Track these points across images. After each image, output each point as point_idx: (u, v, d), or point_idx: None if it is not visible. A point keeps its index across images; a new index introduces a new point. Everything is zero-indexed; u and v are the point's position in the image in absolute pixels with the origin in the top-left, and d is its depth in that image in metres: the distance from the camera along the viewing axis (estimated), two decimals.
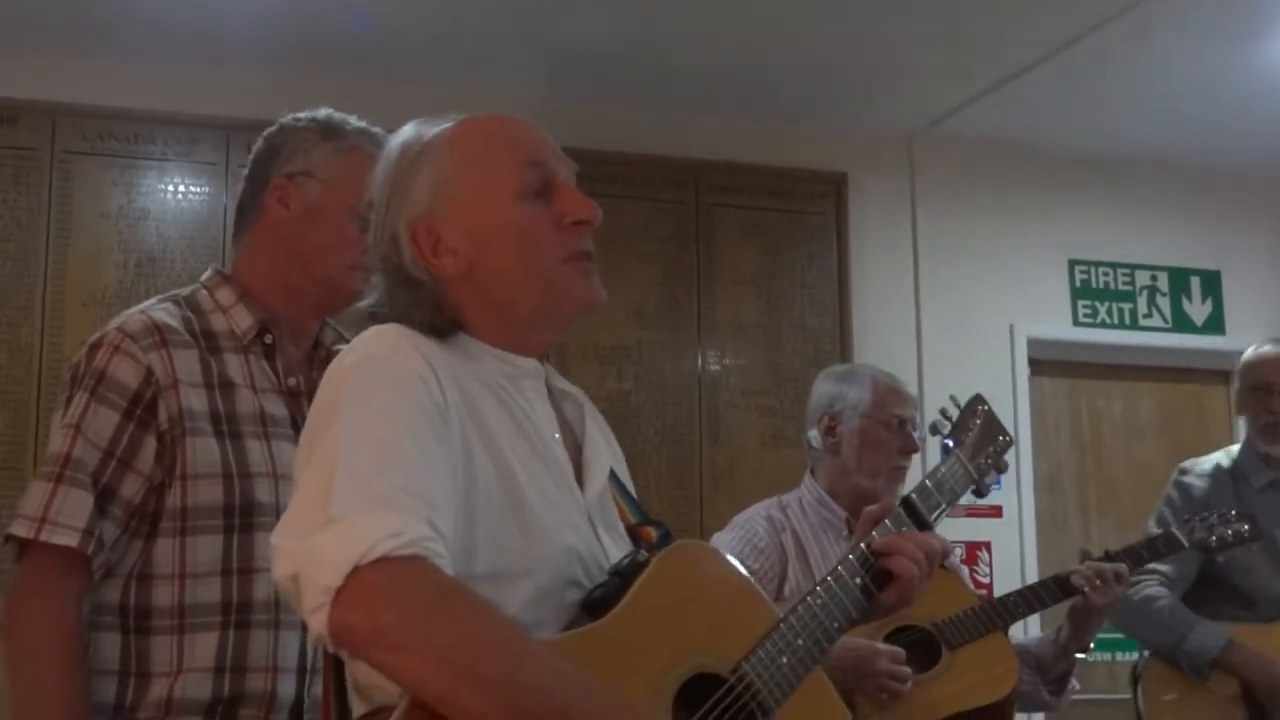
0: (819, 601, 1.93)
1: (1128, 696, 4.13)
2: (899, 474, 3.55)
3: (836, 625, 1.93)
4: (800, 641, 1.87)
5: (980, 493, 2.44)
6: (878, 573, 2.00)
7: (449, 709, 1.52)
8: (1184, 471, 4.29)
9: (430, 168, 1.89)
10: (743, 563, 3.33)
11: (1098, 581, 3.39)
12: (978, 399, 2.50)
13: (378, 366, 1.72)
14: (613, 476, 1.98)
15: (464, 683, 1.51)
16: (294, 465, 1.77)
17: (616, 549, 1.88)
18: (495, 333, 1.88)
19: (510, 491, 1.75)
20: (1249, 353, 4.30)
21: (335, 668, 1.77)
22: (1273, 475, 4.20)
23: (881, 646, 3.19)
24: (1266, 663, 3.92)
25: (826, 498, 3.54)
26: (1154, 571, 3.86)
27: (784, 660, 1.83)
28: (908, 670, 3.19)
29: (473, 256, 1.86)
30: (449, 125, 1.93)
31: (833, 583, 1.96)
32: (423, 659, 1.52)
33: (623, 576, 1.77)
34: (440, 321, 1.86)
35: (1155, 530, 4.09)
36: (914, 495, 2.17)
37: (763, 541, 3.45)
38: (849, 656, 3.11)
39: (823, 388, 3.68)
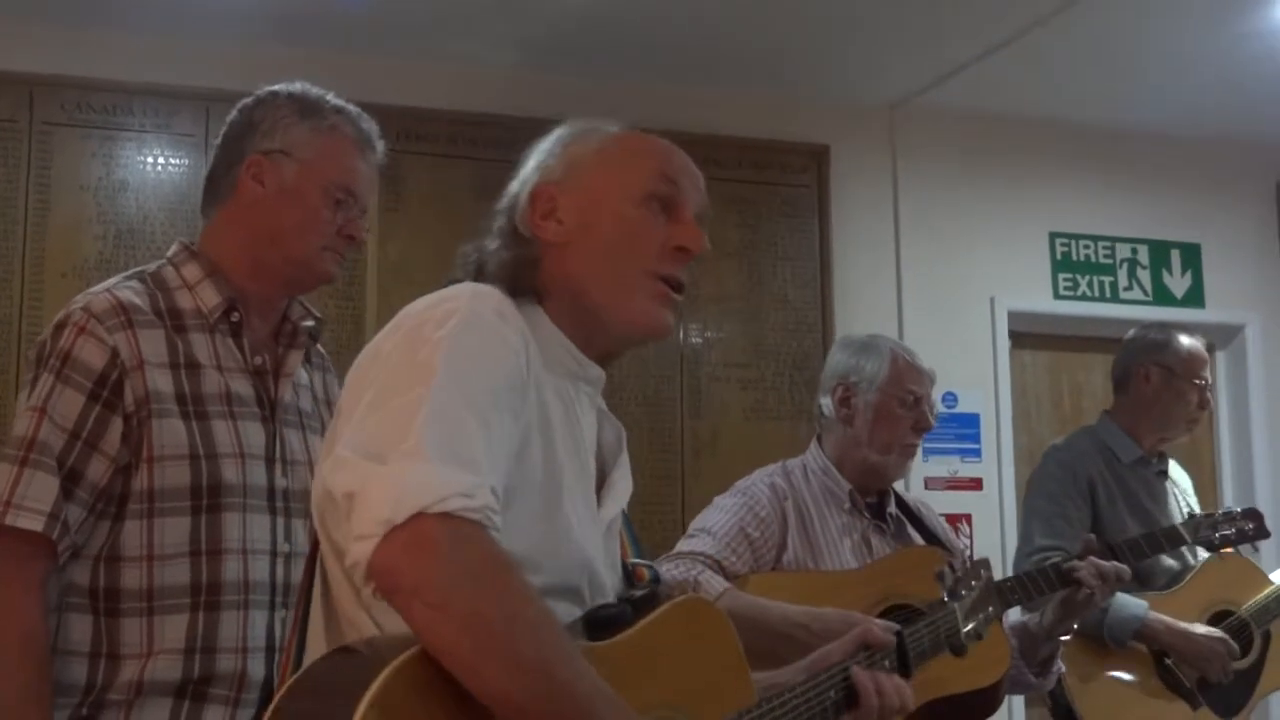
0: (794, 702, 1.97)
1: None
2: (909, 451, 3.53)
3: None
4: None
5: (957, 652, 2.51)
6: (851, 692, 2.09)
7: (469, 676, 1.50)
8: (1059, 449, 4.30)
9: (579, 146, 1.96)
10: (743, 530, 3.37)
11: (1099, 580, 3.40)
12: (984, 563, 2.60)
13: (484, 325, 1.72)
14: (624, 510, 2.01)
15: (496, 657, 1.50)
16: (351, 383, 1.73)
17: (611, 579, 1.89)
18: (565, 316, 1.90)
19: (551, 484, 1.77)
20: (1187, 343, 4.27)
21: (304, 607, 1.76)
22: (1138, 452, 4.22)
23: (876, 623, 3.18)
24: (1181, 628, 3.96)
25: (832, 468, 3.51)
26: (1055, 549, 3.86)
27: None
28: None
29: (574, 230, 1.90)
30: (617, 126, 2.01)
31: (813, 690, 2.02)
32: (460, 623, 1.49)
33: (635, 607, 1.81)
34: (523, 283, 1.89)
35: (1045, 506, 4.12)
36: (907, 636, 2.27)
37: (764, 510, 3.42)
38: (845, 630, 3.12)
39: (839, 357, 3.64)
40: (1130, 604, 3.94)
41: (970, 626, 2.52)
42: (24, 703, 2.19)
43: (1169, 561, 4.08)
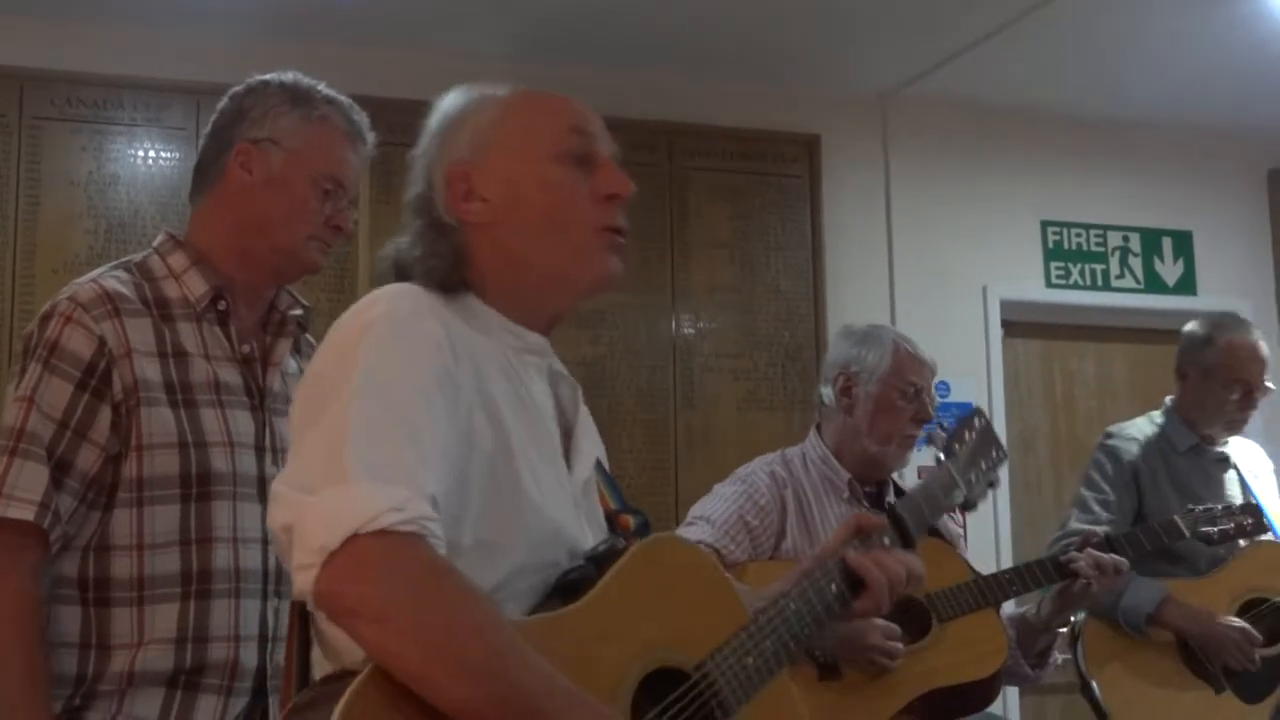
0: (792, 605, 1.93)
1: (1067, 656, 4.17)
2: (909, 442, 3.53)
3: (807, 631, 1.94)
4: (768, 643, 1.87)
5: (968, 507, 2.41)
6: (854, 580, 2.02)
7: (424, 687, 1.51)
8: (1111, 436, 4.31)
9: (477, 119, 1.93)
10: (742, 518, 3.37)
11: (1096, 571, 3.40)
12: (976, 412, 2.49)
13: (398, 328, 1.71)
14: (597, 463, 1.99)
15: (446, 666, 1.51)
16: (293, 413, 1.75)
17: (595, 535, 1.88)
18: (506, 296, 1.89)
19: (506, 466, 1.75)
20: (1227, 343, 4.26)
21: (301, 628, 1.76)
22: (1194, 440, 4.25)
23: (876, 620, 3.19)
24: (1203, 615, 3.97)
25: (831, 457, 3.52)
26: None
27: (749, 660, 1.84)
28: (899, 646, 3.19)
29: (501, 208, 1.88)
30: (505, 90, 1.97)
31: (809, 588, 1.97)
32: (405, 636, 1.51)
33: (598, 563, 1.77)
34: (455, 277, 1.87)
35: (1085, 492, 4.14)
36: (900, 508, 2.18)
37: (764, 498, 3.43)
38: (842, 626, 3.12)
39: (841, 346, 3.64)
40: (1146, 591, 3.95)
41: (973, 476, 2.39)
42: (23, 693, 2.19)
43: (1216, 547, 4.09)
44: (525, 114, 1.94)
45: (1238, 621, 3.98)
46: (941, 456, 2.39)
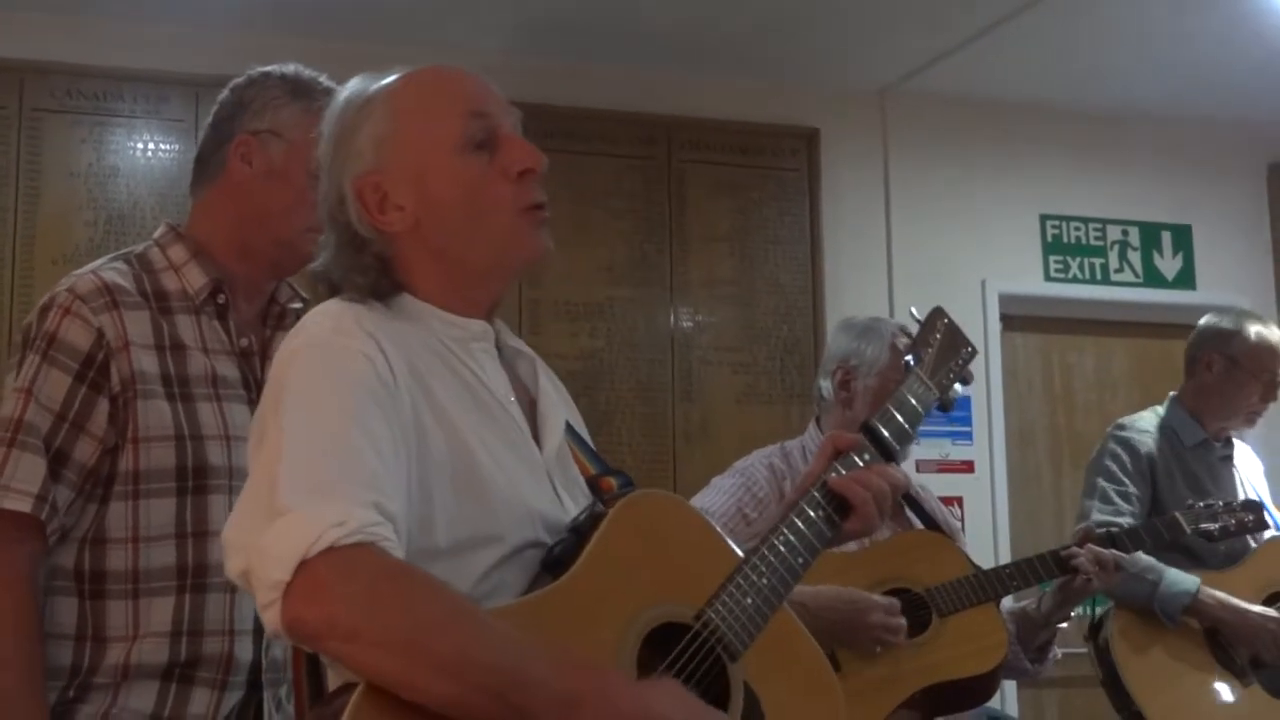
0: (783, 539, 1.91)
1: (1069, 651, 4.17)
2: None
3: (801, 561, 1.91)
4: (765, 581, 1.85)
5: (944, 407, 2.33)
6: (840, 503, 1.98)
7: (408, 692, 1.52)
8: (1123, 428, 4.30)
9: (372, 122, 1.87)
10: (741, 511, 3.36)
11: (1096, 567, 3.40)
12: (938, 312, 2.39)
13: (320, 351, 1.71)
14: (569, 430, 1.96)
15: (420, 666, 1.51)
16: (248, 450, 1.75)
17: (576, 505, 1.87)
18: (441, 290, 1.87)
19: (465, 461, 1.74)
20: (1257, 334, 4.24)
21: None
22: (1202, 435, 4.24)
23: (876, 598, 3.18)
24: (1235, 604, 3.98)
25: None
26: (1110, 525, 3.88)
27: (749, 601, 1.82)
28: (902, 621, 3.17)
29: (419, 212, 1.84)
30: (391, 79, 1.91)
31: (795, 519, 1.95)
32: (376, 646, 1.52)
33: (579, 533, 1.77)
34: (384, 283, 1.85)
35: (1103, 484, 4.13)
36: (875, 421, 2.11)
37: (762, 491, 3.42)
38: (844, 608, 3.11)
39: (840, 340, 3.63)
40: (1183, 580, 3.96)
41: (944, 378, 2.31)
42: (20, 684, 2.19)
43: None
44: (419, 108, 1.87)
45: (1272, 612, 3.99)
46: (910, 361, 2.32)
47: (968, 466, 6.06)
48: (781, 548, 1.90)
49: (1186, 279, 6.61)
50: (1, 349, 4.94)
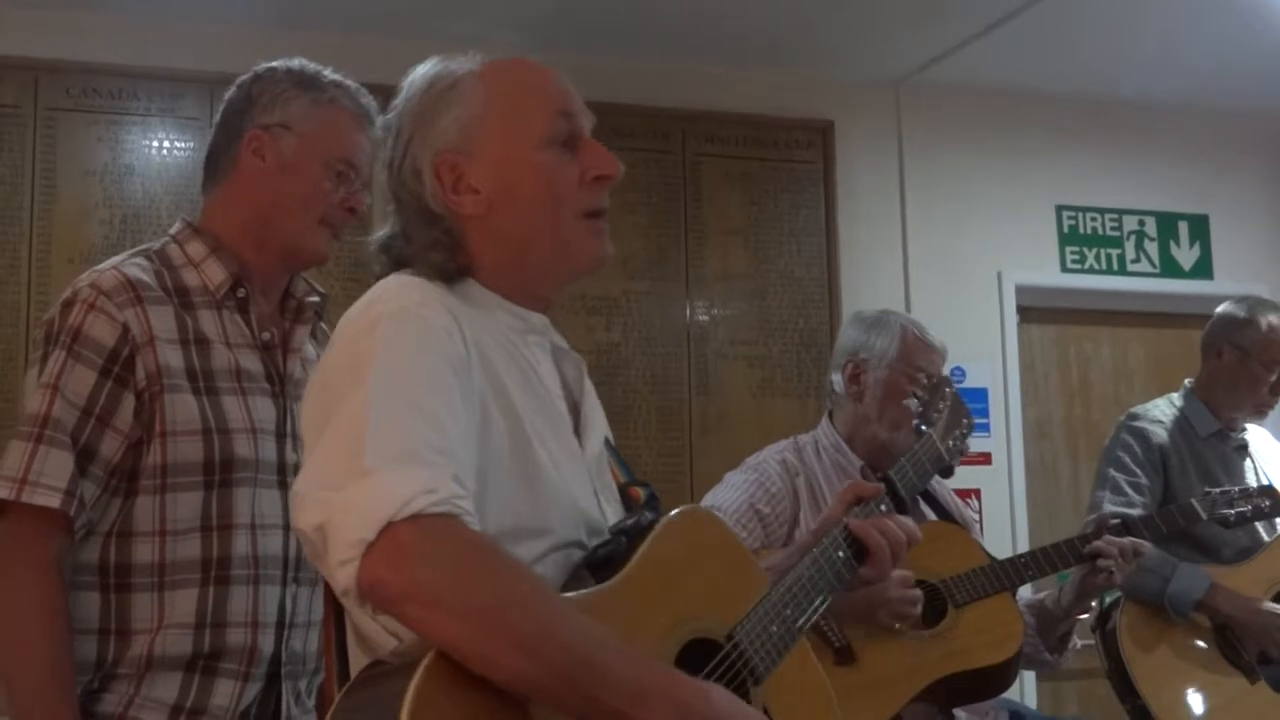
0: (805, 573, 1.97)
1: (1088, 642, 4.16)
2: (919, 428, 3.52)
3: (821, 599, 1.97)
4: (789, 610, 1.90)
5: (947, 473, 2.54)
6: (860, 547, 2.08)
7: (481, 664, 1.52)
8: (1137, 417, 4.28)
9: (460, 104, 1.89)
10: (754, 506, 3.37)
11: (1116, 557, 3.38)
12: (945, 381, 2.61)
13: (407, 321, 1.71)
14: (604, 437, 2.00)
15: (499, 640, 1.51)
16: (306, 414, 1.75)
17: (610, 509, 1.90)
18: (506, 279, 1.89)
19: (522, 450, 1.76)
20: (1270, 325, 4.21)
21: (336, 621, 1.77)
22: (1216, 426, 4.23)
23: (893, 573, 3.17)
24: (1245, 600, 3.96)
25: (843, 444, 3.51)
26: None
27: (774, 629, 1.86)
28: (918, 594, 3.14)
29: (493, 197, 1.87)
30: (479, 63, 1.94)
31: (820, 556, 2.02)
32: (457, 616, 1.51)
33: (629, 536, 1.79)
34: (453, 264, 1.86)
35: (1115, 474, 4.12)
36: (894, 475, 2.25)
37: (775, 486, 3.42)
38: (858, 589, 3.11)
39: (850, 333, 3.63)
40: (1194, 575, 3.94)
41: (950, 443, 2.53)
42: (51, 678, 2.20)
43: (1242, 538, 4.08)
44: (509, 97, 1.91)
45: None
46: (923, 427, 2.52)
47: (985, 459, 6.05)
48: (805, 580, 1.97)
49: (1204, 269, 6.58)
50: (18, 346, 4.96)
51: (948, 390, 2.55)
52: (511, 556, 1.60)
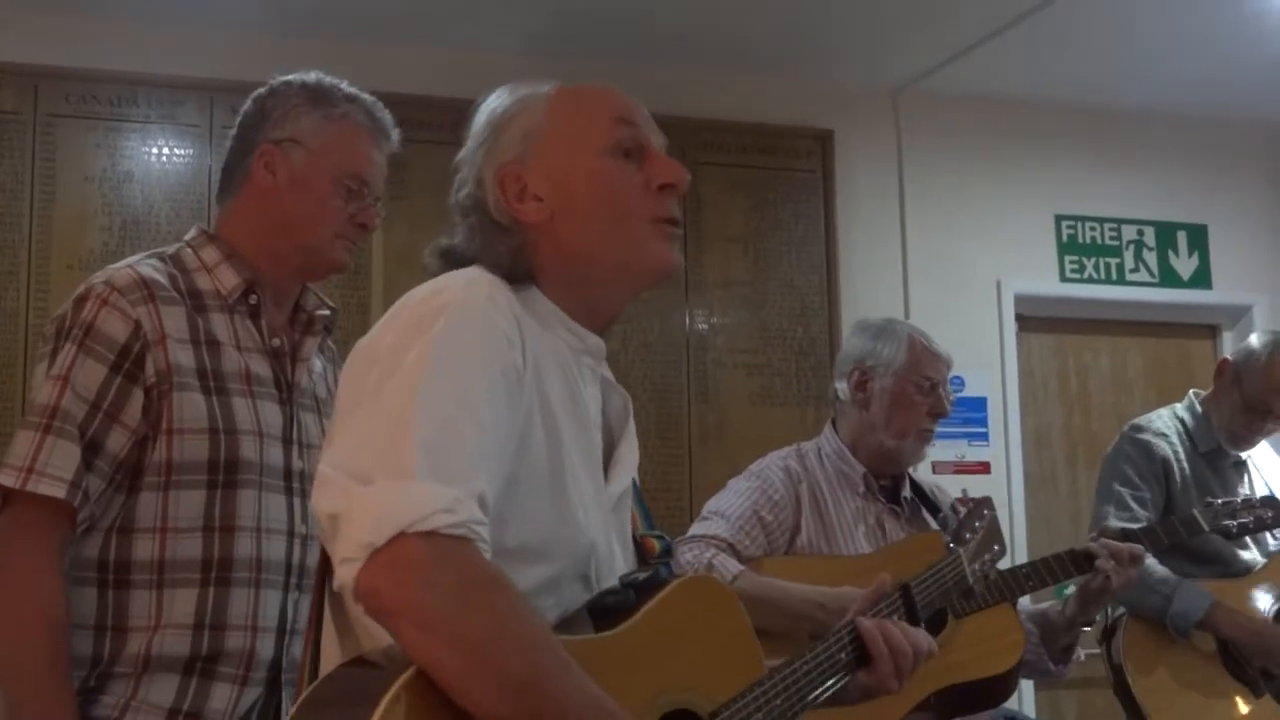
0: (804, 667, 1.94)
1: (1092, 652, 4.16)
2: (925, 436, 3.52)
3: (815, 694, 1.94)
4: (779, 701, 1.86)
5: (968, 596, 2.50)
6: (864, 651, 2.04)
7: (461, 697, 1.49)
8: (1140, 430, 4.26)
9: (524, 118, 1.92)
10: (757, 513, 3.36)
11: (1113, 563, 3.38)
12: (986, 503, 2.57)
13: (474, 317, 1.69)
14: (634, 480, 1.98)
15: (486, 678, 1.49)
16: (347, 379, 1.72)
17: (623, 552, 1.88)
18: (569, 294, 1.88)
19: (556, 472, 1.74)
20: (1270, 358, 4.18)
21: (317, 625, 1.75)
22: (1215, 442, 4.22)
23: (888, 578, 3.17)
24: (1246, 620, 3.97)
25: (846, 452, 3.51)
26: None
27: (758, 717, 1.83)
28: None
29: (556, 206, 1.87)
30: (549, 87, 1.96)
31: (821, 650, 1.99)
32: (447, 644, 1.48)
33: (638, 591, 1.77)
34: (520, 269, 1.86)
35: (1119, 489, 4.11)
36: (913, 586, 2.22)
37: (778, 494, 3.42)
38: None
39: (856, 341, 3.63)
40: (1196, 595, 3.94)
41: (977, 566, 2.49)
42: (49, 670, 2.20)
43: (1242, 550, 4.08)
44: (572, 110, 1.93)
45: None
46: (952, 545, 2.47)
47: (984, 467, 6.05)
48: (801, 675, 1.93)
49: (1202, 279, 6.58)
50: (18, 353, 4.95)
51: (987, 513, 2.53)
52: (518, 594, 1.56)
